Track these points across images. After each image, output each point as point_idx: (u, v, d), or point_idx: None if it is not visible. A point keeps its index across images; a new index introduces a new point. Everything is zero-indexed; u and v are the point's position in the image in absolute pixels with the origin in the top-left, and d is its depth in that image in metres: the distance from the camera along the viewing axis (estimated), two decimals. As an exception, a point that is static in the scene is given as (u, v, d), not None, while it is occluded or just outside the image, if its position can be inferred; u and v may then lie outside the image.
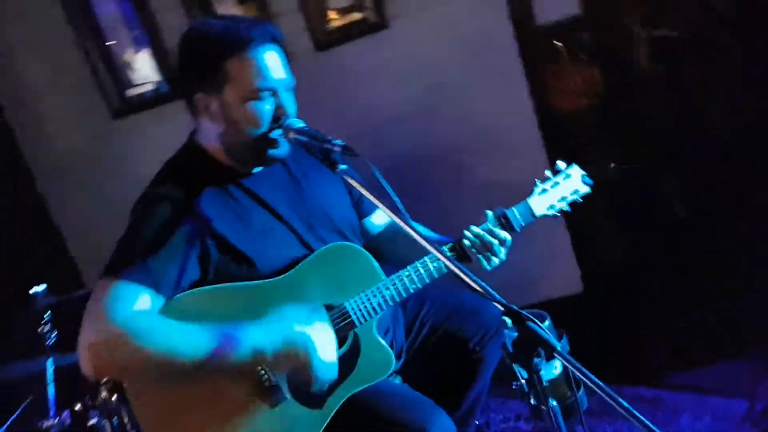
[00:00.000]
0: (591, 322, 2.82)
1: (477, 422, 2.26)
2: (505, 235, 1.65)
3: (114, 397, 2.43)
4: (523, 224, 1.68)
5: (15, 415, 2.14)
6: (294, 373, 1.51)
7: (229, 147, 1.59)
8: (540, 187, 1.70)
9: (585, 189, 1.72)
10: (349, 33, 2.97)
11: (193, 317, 1.42)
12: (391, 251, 1.81)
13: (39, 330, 2.17)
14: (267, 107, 1.53)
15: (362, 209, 1.85)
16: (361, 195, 1.79)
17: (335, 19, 3.00)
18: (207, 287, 1.49)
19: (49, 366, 2.15)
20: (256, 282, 1.52)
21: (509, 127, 3.02)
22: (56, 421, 2.06)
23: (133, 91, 3.13)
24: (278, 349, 1.43)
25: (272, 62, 1.52)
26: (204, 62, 1.53)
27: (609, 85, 3.47)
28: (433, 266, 1.61)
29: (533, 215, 1.69)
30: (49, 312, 2.23)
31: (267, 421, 1.50)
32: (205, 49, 1.53)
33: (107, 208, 3.23)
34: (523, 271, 2.55)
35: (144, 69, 3.12)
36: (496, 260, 1.66)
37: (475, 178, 3.05)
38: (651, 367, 2.65)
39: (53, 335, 2.20)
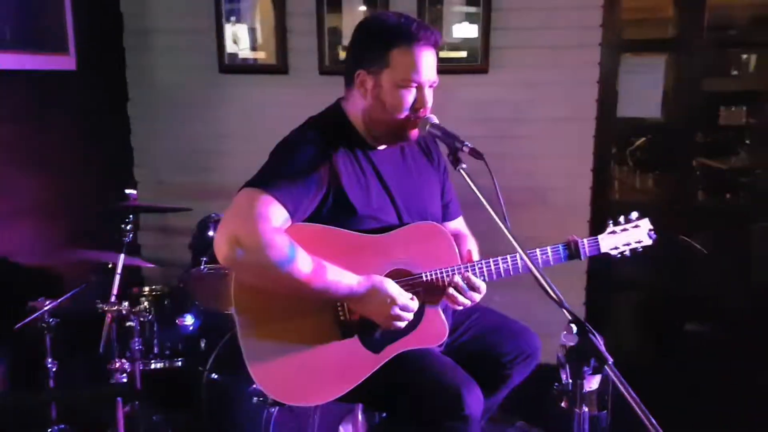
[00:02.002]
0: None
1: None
2: (480, 283, 1.83)
3: (151, 315, 2.65)
4: (588, 254, 1.90)
5: (75, 291, 2.33)
6: (367, 319, 1.74)
7: (369, 121, 1.83)
8: (611, 228, 1.93)
9: (648, 242, 1.94)
10: (451, 66, 3.24)
11: (307, 244, 1.66)
12: None
13: (122, 225, 2.38)
14: (411, 97, 1.77)
15: (446, 212, 2.08)
16: (450, 200, 2.07)
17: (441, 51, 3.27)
18: (322, 225, 1.74)
19: (121, 260, 2.36)
20: (358, 233, 1.77)
21: (563, 193, 3.30)
22: (114, 307, 2.27)
23: (243, 53, 3.38)
24: (367, 295, 1.69)
25: (427, 61, 1.77)
26: (375, 45, 1.77)
27: (657, 190, 3.75)
28: (503, 267, 1.84)
29: (599, 250, 1.91)
30: (132, 215, 2.46)
31: (332, 347, 1.75)
32: (379, 35, 1.77)
33: (182, 148, 3.51)
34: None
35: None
36: (467, 302, 1.84)
37: (516, 228, 3.29)
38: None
39: (130, 235, 2.42)
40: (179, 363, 2.70)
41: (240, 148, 3.41)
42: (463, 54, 3.25)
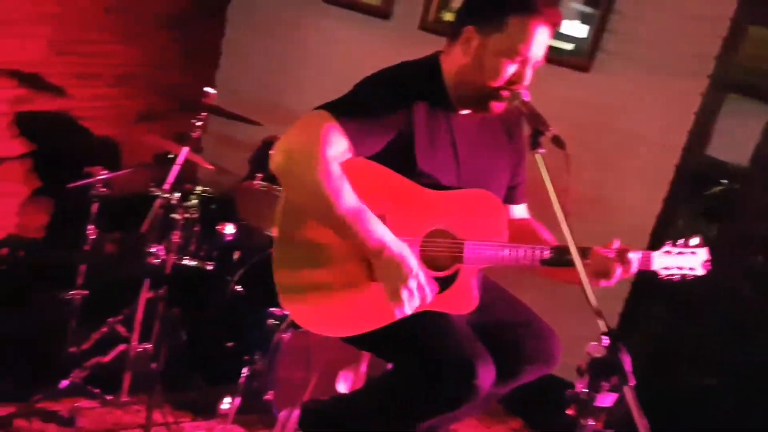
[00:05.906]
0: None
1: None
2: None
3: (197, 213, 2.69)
4: (638, 267, 1.83)
5: (131, 169, 2.38)
6: None
7: (461, 80, 1.78)
8: (667, 247, 1.86)
9: (701, 272, 1.85)
10: (552, 56, 3.14)
11: (362, 177, 1.66)
12: None
13: (193, 120, 2.42)
14: (511, 69, 1.72)
15: (512, 195, 2.02)
16: (520, 183, 2.01)
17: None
18: (388, 168, 1.73)
19: (183, 153, 2.41)
20: (414, 183, 1.75)
21: (626, 213, 3.13)
22: (166, 195, 2.33)
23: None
24: (391, 254, 1.65)
25: (542, 39, 1.71)
26: (494, 5, 1.72)
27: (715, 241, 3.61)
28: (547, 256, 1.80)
29: (650, 266, 1.84)
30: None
31: (360, 287, 1.74)
32: None
33: (265, 64, 3.53)
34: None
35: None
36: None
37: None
38: None
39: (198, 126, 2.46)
40: (210, 267, 2.76)
41: (320, 81, 3.41)
42: (570, 47, 3.16)
